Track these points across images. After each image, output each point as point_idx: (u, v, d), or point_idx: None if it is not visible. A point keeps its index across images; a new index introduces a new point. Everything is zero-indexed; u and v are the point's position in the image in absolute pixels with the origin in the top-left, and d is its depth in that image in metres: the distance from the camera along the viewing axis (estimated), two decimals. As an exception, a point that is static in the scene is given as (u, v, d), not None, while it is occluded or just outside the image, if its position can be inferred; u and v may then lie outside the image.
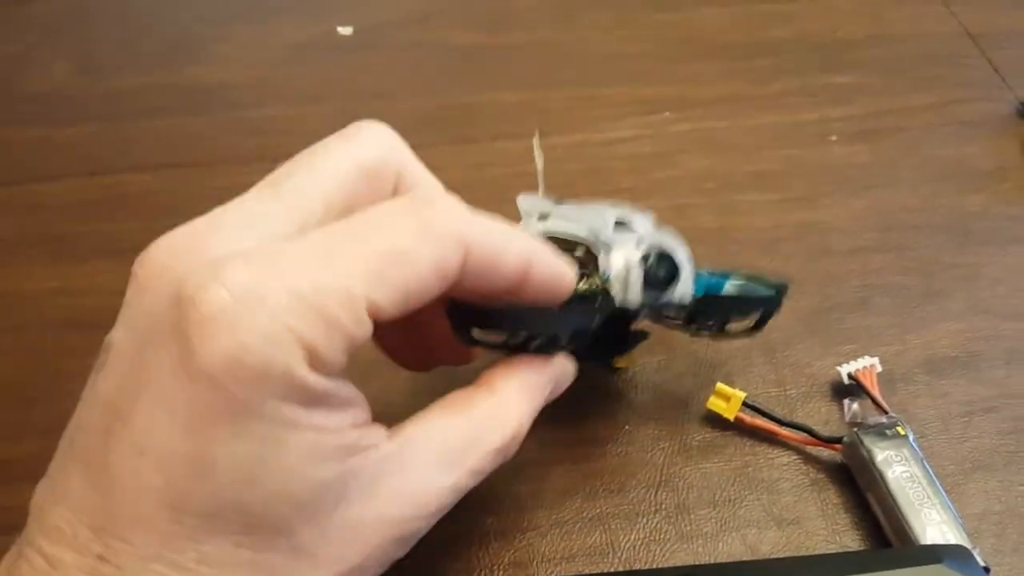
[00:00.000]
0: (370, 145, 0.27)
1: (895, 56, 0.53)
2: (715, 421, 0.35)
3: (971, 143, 0.47)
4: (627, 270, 0.31)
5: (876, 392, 0.35)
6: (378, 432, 0.24)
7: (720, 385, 0.35)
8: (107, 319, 0.40)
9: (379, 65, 0.54)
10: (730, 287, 0.32)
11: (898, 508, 0.30)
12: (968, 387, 0.37)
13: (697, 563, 0.31)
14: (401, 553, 0.25)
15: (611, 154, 0.47)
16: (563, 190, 0.37)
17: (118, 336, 0.22)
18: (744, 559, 0.31)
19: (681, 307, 0.32)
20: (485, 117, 0.50)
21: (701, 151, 0.48)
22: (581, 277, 0.30)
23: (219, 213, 0.24)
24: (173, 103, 0.51)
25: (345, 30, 0.56)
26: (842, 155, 0.47)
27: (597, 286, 0.31)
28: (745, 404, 0.34)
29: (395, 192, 0.27)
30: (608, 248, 0.31)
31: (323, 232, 0.23)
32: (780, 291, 0.33)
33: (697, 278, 0.32)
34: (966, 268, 0.41)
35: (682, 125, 0.49)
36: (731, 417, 0.35)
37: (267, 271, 0.21)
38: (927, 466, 0.32)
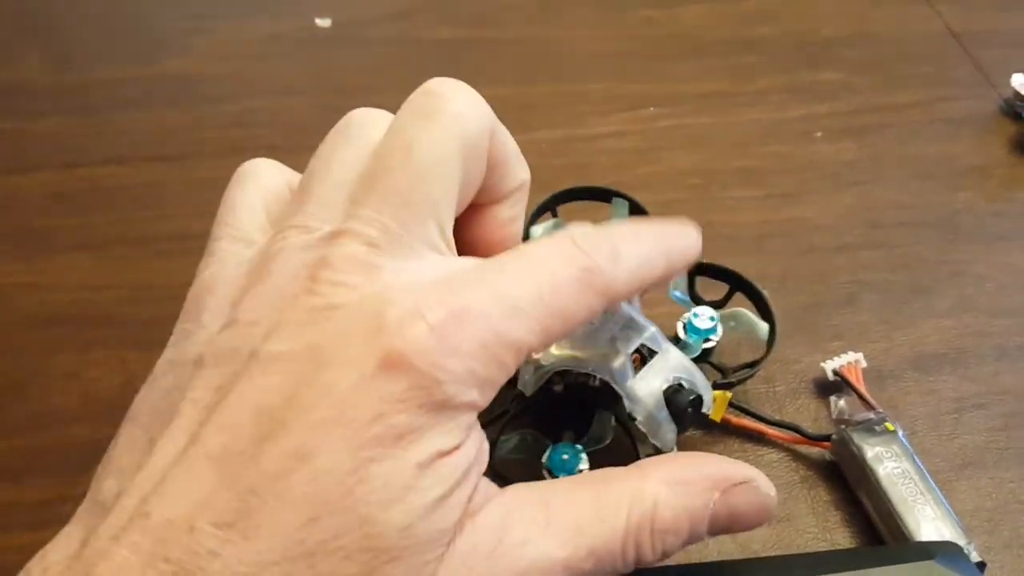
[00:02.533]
0: (467, 120, 0.25)
1: (879, 54, 0.53)
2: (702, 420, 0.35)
3: (956, 141, 0.47)
4: (655, 418, 0.30)
5: (862, 387, 0.35)
6: (486, 483, 0.23)
7: None
8: (80, 314, 0.39)
9: (359, 58, 0.53)
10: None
11: (891, 505, 0.30)
12: (957, 384, 0.36)
13: (688, 562, 0.31)
14: None
15: (595, 149, 0.47)
16: (548, 185, 0.37)
17: (278, 346, 0.21)
18: (735, 557, 0.31)
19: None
20: (468, 112, 0.49)
21: (686, 147, 0.47)
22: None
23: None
24: (149, 95, 0.50)
25: (323, 22, 0.55)
26: (828, 152, 0.47)
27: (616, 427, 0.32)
28: (731, 404, 0.34)
29: (491, 166, 0.25)
30: (632, 395, 0.30)
31: (500, 271, 0.22)
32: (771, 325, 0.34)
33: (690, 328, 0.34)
34: (953, 265, 0.41)
35: (667, 121, 0.49)
36: (717, 418, 0.34)
37: (460, 313, 0.20)
38: (918, 461, 0.31)
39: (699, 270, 0.36)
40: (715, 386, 0.32)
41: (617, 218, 0.37)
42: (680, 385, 0.30)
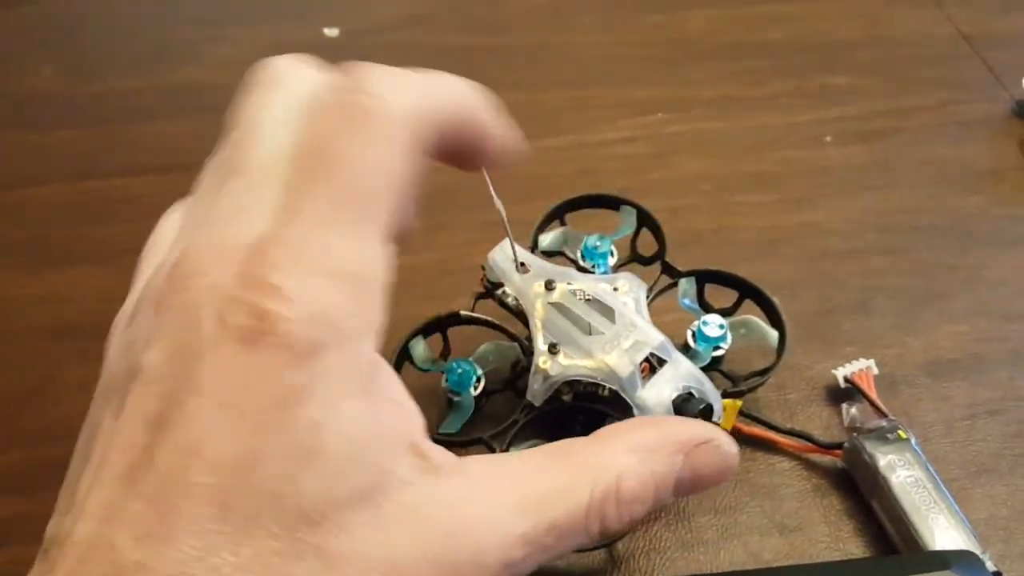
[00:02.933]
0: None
1: (890, 58, 0.53)
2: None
3: (968, 144, 0.47)
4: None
5: (874, 394, 0.34)
6: (441, 452, 0.22)
7: None
8: (93, 326, 0.39)
9: (369, 67, 0.53)
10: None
11: (904, 514, 0.30)
12: (971, 390, 0.36)
13: (700, 572, 0.30)
14: None
15: (605, 155, 0.47)
16: (558, 192, 0.37)
17: (153, 355, 0.20)
18: (747, 567, 0.31)
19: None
20: (477, 119, 0.49)
21: (696, 152, 0.47)
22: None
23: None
24: (160, 106, 0.50)
25: (331, 31, 0.55)
26: (839, 156, 0.47)
27: None
28: (741, 413, 0.33)
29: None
30: (642, 404, 0.30)
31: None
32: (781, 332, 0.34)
33: (699, 337, 0.34)
34: (967, 269, 0.41)
35: (677, 126, 0.49)
36: (728, 427, 0.33)
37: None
38: (931, 469, 0.31)
39: (708, 277, 0.36)
40: (725, 395, 0.32)
41: (626, 226, 0.37)
42: (690, 394, 0.30)
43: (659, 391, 0.30)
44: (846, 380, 0.35)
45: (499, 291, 0.34)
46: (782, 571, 0.30)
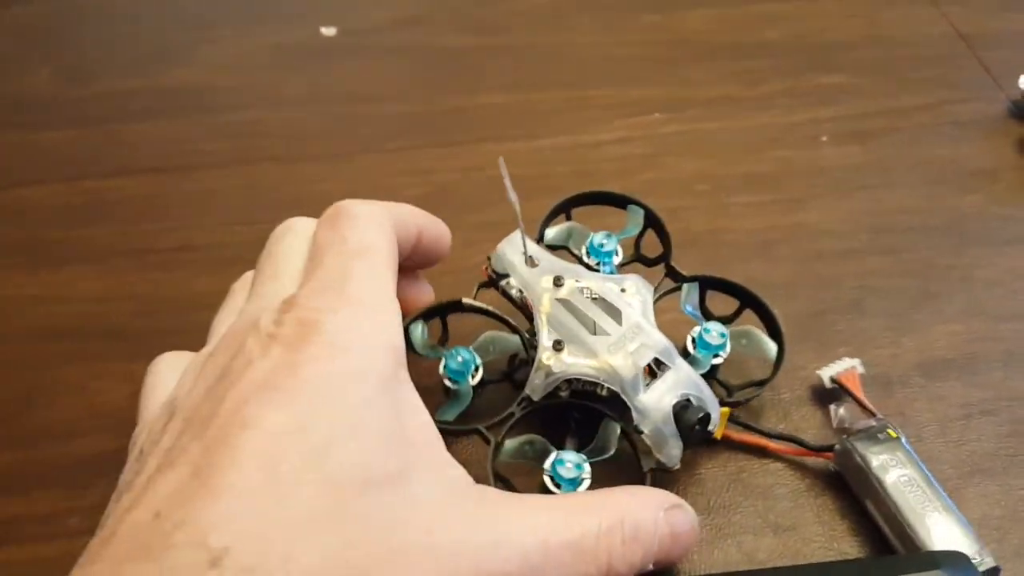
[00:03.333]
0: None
1: (886, 57, 0.53)
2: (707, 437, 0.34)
3: (964, 144, 0.47)
4: (661, 432, 0.30)
5: (861, 394, 0.34)
6: (456, 465, 0.26)
7: None
8: (89, 327, 0.40)
9: (364, 67, 0.53)
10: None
11: (900, 514, 0.30)
12: (965, 390, 0.36)
13: (694, 572, 0.30)
14: None
15: (601, 156, 0.47)
16: (553, 192, 0.37)
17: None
18: (741, 567, 0.31)
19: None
20: (473, 120, 0.49)
21: (692, 153, 0.47)
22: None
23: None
24: (156, 107, 0.50)
25: (329, 31, 0.55)
26: (834, 156, 0.47)
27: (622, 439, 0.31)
28: (731, 419, 0.33)
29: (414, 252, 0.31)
30: (642, 409, 0.30)
31: None
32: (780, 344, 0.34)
33: (700, 343, 0.34)
34: (962, 269, 0.41)
35: (672, 127, 0.49)
36: (718, 435, 0.33)
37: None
38: (923, 467, 0.31)
39: (712, 284, 0.36)
40: (720, 404, 0.32)
41: (632, 226, 0.37)
42: (688, 401, 0.30)
43: (660, 396, 0.30)
44: (832, 380, 0.35)
45: (503, 282, 0.33)
46: (776, 572, 0.30)
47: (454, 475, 0.26)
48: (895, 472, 0.31)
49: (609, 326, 0.31)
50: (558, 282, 0.32)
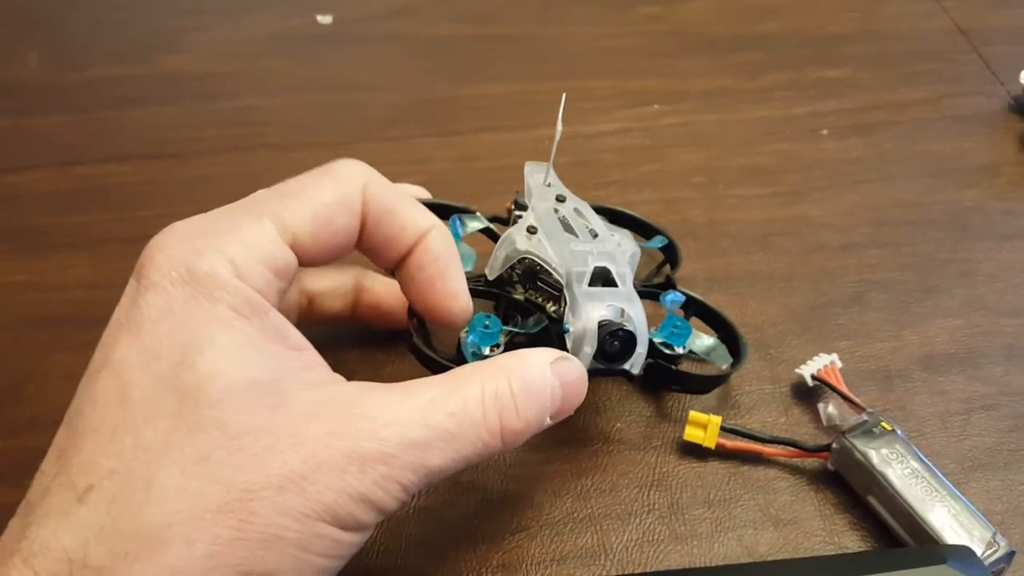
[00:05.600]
0: (348, 180, 0.28)
1: (886, 51, 0.52)
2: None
3: (964, 138, 0.47)
4: (584, 333, 0.30)
5: (844, 389, 0.34)
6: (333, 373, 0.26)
7: (693, 413, 0.33)
8: (79, 314, 0.39)
9: (361, 56, 0.52)
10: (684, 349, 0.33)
11: (909, 507, 0.29)
12: (967, 384, 0.36)
13: (692, 566, 0.30)
14: (368, 485, 0.23)
15: (600, 147, 0.46)
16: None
17: None
18: (742, 561, 0.30)
19: (630, 374, 0.31)
20: (470, 110, 0.49)
21: (691, 145, 0.47)
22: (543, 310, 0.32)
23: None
24: (148, 93, 0.50)
25: (325, 19, 0.54)
26: (834, 149, 0.46)
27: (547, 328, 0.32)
28: (723, 428, 0.33)
29: (366, 217, 0.29)
30: (575, 303, 0.30)
31: None
32: (736, 362, 0.34)
33: (664, 327, 0.33)
34: (962, 264, 0.40)
35: (671, 118, 0.48)
36: (711, 445, 0.33)
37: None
38: (922, 457, 0.31)
39: (692, 309, 0.35)
40: (664, 360, 0.32)
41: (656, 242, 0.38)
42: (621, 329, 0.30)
43: (598, 298, 0.31)
44: (814, 378, 0.35)
45: (518, 213, 0.34)
46: (778, 565, 0.29)
47: (327, 376, 0.26)
48: (898, 465, 0.30)
49: (585, 239, 0.32)
50: (560, 198, 0.34)
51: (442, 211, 0.33)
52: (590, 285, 0.31)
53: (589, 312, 0.30)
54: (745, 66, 0.51)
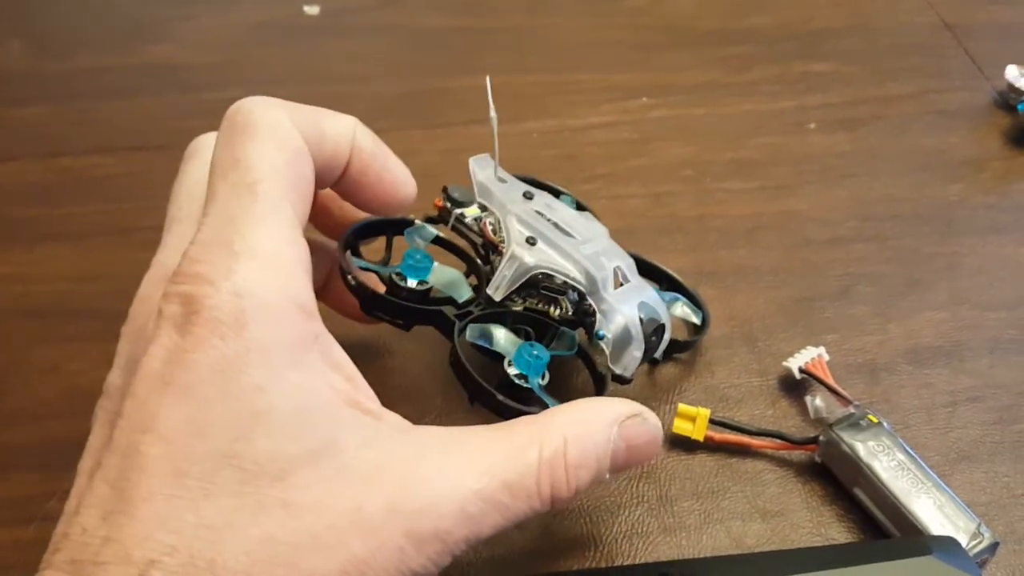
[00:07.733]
0: (285, 137, 0.26)
1: (872, 46, 0.53)
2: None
3: (950, 133, 0.47)
4: (630, 337, 0.29)
5: (832, 381, 0.34)
6: (394, 415, 0.25)
7: (682, 406, 0.33)
8: (62, 307, 0.39)
9: (347, 47, 0.52)
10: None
11: (895, 498, 0.30)
12: (952, 377, 0.36)
13: (682, 558, 0.30)
14: (422, 561, 0.23)
15: (587, 140, 0.46)
16: (538, 176, 0.36)
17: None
18: (730, 552, 0.30)
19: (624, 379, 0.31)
20: (457, 102, 0.48)
21: (678, 138, 0.47)
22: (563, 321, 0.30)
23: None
24: (132, 84, 0.49)
25: (312, 9, 0.54)
26: (821, 144, 0.47)
27: (581, 339, 0.30)
28: (712, 421, 0.33)
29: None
30: (609, 310, 0.30)
31: None
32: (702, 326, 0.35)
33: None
34: (948, 257, 0.41)
35: (659, 112, 0.48)
36: (700, 437, 0.33)
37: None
38: (908, 449, 0.31)
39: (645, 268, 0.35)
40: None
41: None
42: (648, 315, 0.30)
43: (626, 298, 0.30)
44: (801, 371, 0.35)
45: (457, 211, 0.32)
46: (765, 556, 0.29)
47: (387, 427, 0.24)
48: (884, 458, 0.31)
49: (578, 234, 0.31)
50: (528, 195, 0.32)
51: (377, 228, 0.32)
52: None
53: (628, 315, 0.30)
54: (733, 60, 0.51)
